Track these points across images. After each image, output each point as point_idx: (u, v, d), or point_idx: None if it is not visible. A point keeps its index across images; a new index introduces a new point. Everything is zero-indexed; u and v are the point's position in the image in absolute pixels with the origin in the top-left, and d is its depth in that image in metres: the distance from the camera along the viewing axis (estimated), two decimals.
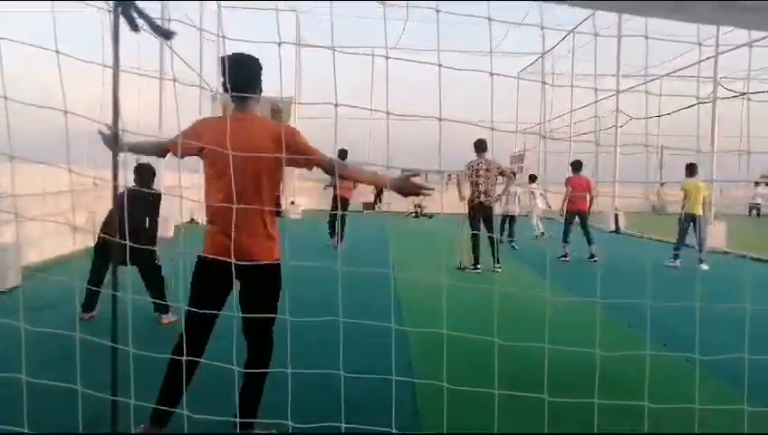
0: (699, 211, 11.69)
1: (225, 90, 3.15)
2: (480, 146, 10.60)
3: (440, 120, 2.91)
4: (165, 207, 7.09)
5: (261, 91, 3.40)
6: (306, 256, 9.00)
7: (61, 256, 9.94)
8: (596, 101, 23.02)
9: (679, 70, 20.41)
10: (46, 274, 8.98)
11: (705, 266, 11.36)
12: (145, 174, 6.68)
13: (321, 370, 3.14)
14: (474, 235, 10.50)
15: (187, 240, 9.84)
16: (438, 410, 3.59)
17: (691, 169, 12.06)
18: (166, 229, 14.88)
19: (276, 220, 3.42)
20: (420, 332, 5.52)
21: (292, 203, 24.08)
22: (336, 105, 2.93)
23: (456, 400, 3.76)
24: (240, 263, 3.07)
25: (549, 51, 28.13)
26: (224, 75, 3.17)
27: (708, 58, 17.16)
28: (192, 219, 19.97)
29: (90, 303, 6.37)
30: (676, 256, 11.80)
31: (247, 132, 3.22)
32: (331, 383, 3.86)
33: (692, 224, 11.77)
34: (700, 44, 17.68)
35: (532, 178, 17.78)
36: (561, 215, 12.83)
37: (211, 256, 3.22)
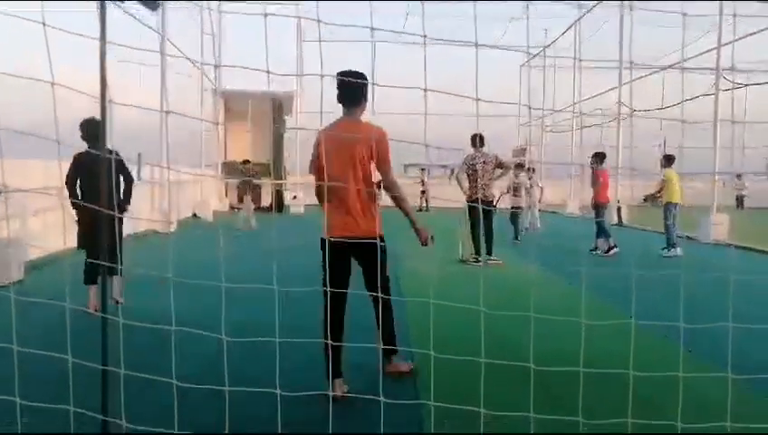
0: (678, 199, 12.11)
1: (339, 101, 4.20)
2: (478, 140, 10.53)
3: (425, 90, 3.02)
4: (165, 203, 7.12)
5: (365, 101, 4.23)
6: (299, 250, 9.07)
7: (62, 250, 9.95)
8: (577, 99, 22.97)
9: (678, 63, 20.31)
10: (48, 268, 9.02)
11: (680, 251, 11.88)
12: (89, 129, 6.22)
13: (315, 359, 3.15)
14: (473, 228, 10.51)
15: (188, 234, 9.86)
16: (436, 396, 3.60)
17: (669, 160, 12.60)
18: (167, 224, 14.94)
19: (375, 202, 4.19)
20: (420, 323, 5.53)
21: (294, 198, 24.03)
22: (322, 75, 3.04)
23: (459, 388, 3.78)
24: (350, 238, 4.01)
25: (551, 43, 28.11)
26: (338, 88, 4.16)
27: (710, 50, 17.06)
28: (194, 214, 20.03)
29: (91, 275, 6.29)
30: (674, 245, 11.96)
31: (348, 132, 4.07)
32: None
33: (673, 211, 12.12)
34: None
35: (532, 171, 18.02)
36: (596, 208, 12.51)
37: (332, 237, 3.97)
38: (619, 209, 20.22)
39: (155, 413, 3.31)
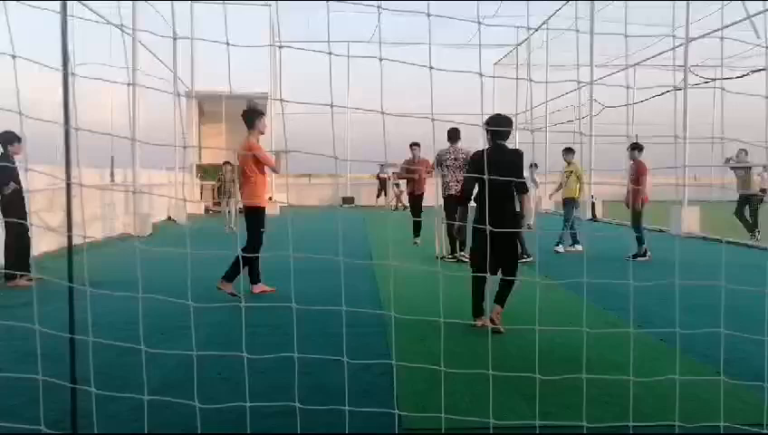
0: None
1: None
2: (452, 135, 10.46)
3: (380, 59, 3.17)
4: (143, 206, 7.15)
5: (254, 125, 7.26)
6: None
7: (36, 256, 9.83)
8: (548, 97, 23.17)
9: (650, 58, 20.62)
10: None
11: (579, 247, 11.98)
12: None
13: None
14: (448, 225, 10.49)
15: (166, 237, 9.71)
16: (416, 392, 3.64)
17: (571, 151, 12.55)
18: (144, 227, 14.78)
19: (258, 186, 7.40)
20: (403, 322, 5.59)
21: (270, 199, 23.87)
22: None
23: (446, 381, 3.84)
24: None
25: (524, 41, 28.31)
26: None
27: (678, 46, 17.33)
28: (169, 217, 19.81)
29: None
30: (566, 239, 12.17)
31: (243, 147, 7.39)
32: (311, 370, 3.93)
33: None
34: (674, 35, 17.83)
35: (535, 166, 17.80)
36: (637, 207, 10.92)
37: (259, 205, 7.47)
38: (593, 205, 20.41)
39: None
